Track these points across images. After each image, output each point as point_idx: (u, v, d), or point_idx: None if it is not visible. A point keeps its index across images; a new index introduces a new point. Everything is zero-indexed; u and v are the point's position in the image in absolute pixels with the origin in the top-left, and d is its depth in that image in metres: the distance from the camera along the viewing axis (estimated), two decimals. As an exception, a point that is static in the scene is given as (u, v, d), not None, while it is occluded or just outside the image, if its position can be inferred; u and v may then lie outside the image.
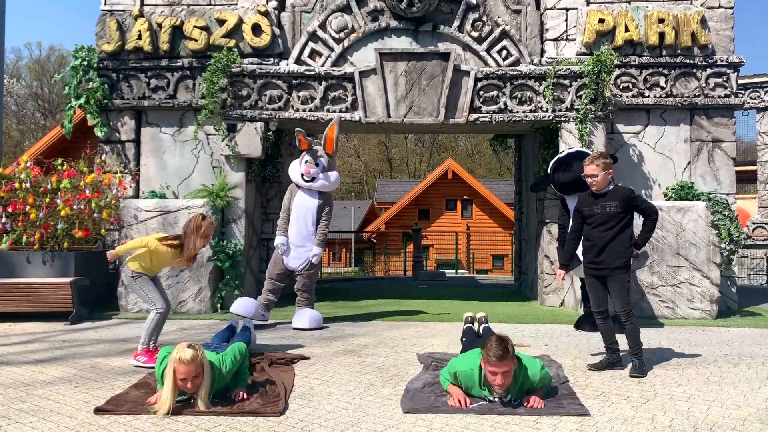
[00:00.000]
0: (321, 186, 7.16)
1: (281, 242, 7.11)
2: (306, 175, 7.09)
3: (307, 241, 7.13)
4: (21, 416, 3.81)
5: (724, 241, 7.85)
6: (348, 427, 3.64)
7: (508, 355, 3.88)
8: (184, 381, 3.82)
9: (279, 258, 7.17)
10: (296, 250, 7.13)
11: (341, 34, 8.86)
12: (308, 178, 7.09)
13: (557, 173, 7.40)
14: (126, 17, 8.94)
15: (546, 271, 9.01)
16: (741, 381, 4.74)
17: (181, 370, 3.79)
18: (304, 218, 7.12)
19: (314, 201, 7.15)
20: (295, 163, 7.30)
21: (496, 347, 3.88)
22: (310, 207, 7.14)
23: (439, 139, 49.26)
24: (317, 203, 7.15)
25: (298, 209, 7.16)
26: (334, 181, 7.28)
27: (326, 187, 7.22)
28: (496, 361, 3.87)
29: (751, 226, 15.39)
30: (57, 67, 38.09)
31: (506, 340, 3.94)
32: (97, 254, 8.33)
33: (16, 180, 8.11)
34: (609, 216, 5.01)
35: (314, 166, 7.10)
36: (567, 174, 7.24)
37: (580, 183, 7.04)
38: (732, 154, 8.79)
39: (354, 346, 6.01)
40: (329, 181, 7.21)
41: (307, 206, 7.14)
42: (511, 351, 3.91)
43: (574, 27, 8.84)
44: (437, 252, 30.03)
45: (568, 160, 7.35)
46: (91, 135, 9.24)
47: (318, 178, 7.11)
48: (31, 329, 6.89)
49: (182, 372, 3.79)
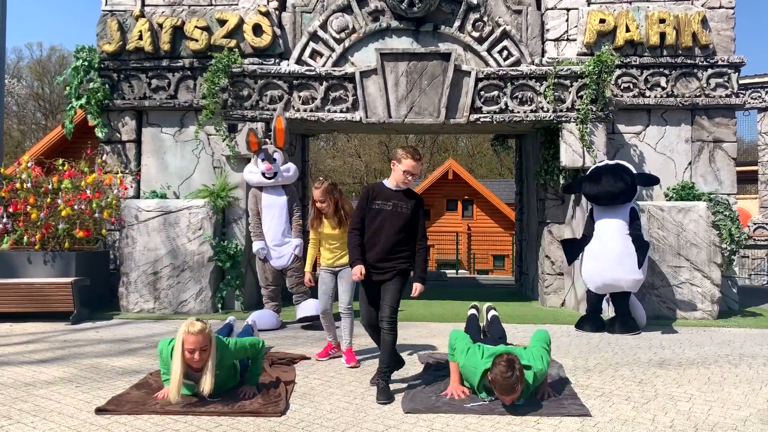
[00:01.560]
0: (285, 180, 7.44)
1: (261, 247, 7.26)
2: (268, 173, 7.34)
3: (284, 237, 7.28)
4: (22, 416, 3.81)
5: (725, 242, 7.85)
6: (349, 428, 3.64)
7: (516, 390, 3.85)
8: (192, 353, 3.85)
9: (264, 264, 7.30)
10: (277, 249, 7.27)
11: (342, 34, 8.86)
12: (270, 175, 7.34)
13: (586, 183, 7.38)
14: (127, 17, 8.95)
15: (547, 272, 9.01)
16: (742, 381, 4.74)
17: (189, 340, 3.84)
18: (278, 216, 7.31)
19: (282, 197, 7.40)
20: (250, 167, 7.57)
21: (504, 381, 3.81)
22: (280, 204, 7.35)
23: (440, 139, 49.23)
24: (285, 199, 7.39)
25: (269, 209, 7.33)
26: (294, 173, 7.58)
27: (288, 180, 7.50)
28: (504, 394, 3.87)
29: (752, 227, 15.38)
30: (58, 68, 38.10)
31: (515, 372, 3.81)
32: (98, 254, 8.34)
33: (17, 180, 8.12)
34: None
35: (272, 162, 7.35)
36: (593, 187, 7.23)
37: (606, 198, 7.11)
38: (733, 154, 8.79)
39: (354, 346, 6.00)
40: (290, 173, 7.49)
41: (277, 204, 7.34)
42: (519, 385, 3.84)
43: (574, 27, 8.84)
44: (438, 252, 30.01)
45: (599, 173, 7.28)
46: (92, 135, 9.24)
47: (280, 173, 7.38)
48: (32, 329, 6.90)
49: (191, 342, 3.83)
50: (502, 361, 3.88)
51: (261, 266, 7.31)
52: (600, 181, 7.18)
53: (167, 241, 8.01)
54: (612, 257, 6.88)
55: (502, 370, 3.83)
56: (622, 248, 6.90)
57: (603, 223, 7.15)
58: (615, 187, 7.05)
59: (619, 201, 7.10)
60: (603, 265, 6.92)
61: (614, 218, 7.09)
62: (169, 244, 8.02)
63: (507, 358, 3.89)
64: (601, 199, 7.17)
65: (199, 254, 8.04)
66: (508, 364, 3.85)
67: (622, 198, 7.09)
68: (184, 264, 8.01)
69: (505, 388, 3.83)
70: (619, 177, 7.12)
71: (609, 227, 7.08)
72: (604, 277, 6.94)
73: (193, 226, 8.07)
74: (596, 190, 7.19)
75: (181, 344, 3.86)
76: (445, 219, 34.33)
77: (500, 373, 3.83)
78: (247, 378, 4.32)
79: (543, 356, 4.20)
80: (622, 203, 7.12)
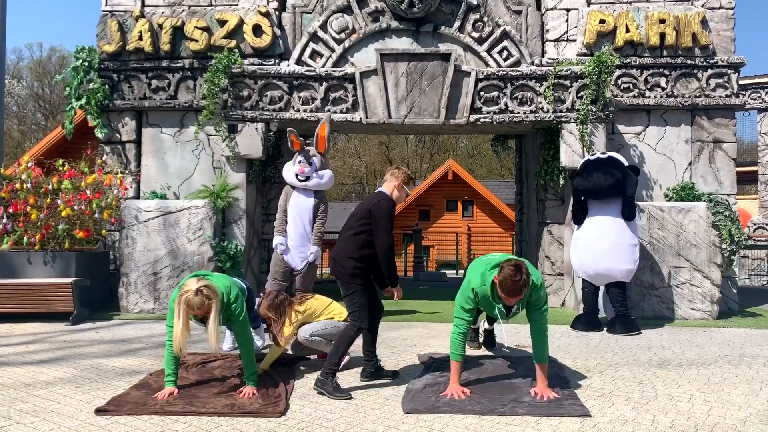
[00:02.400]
0: (315, 185, 7.25)
1: (280, 242, 7.16)
2: (300, 175, 7.18)
3: (305, 240, 7.18)
4: (22, 416, 3.81)
5: (725, 242, 7.85)
6: (349, 428, 3.64)
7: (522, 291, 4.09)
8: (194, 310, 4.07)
9: (279, 258, 7.20)
10: (297, 250, 7.17)
11: (342, 34, 8.86)
12: (302, 178, 7.19)
13: (578, 178, 7.46)
14: (127, 18, 8.95)
15: (546, 272, 9.01)
16: (742, 382, 4.74)
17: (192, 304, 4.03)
18: (301, 218, 7.20)
19: (310, 200, 7.24)
20: (289, 165, 7.38)
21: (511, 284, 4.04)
22: (306, 207, 7.22)
23: (440, 139, 49.24)
24: (313, 202, 7.24)
25: (295, 210, 7.23)
26: (327, 180, 7.37)
27: (321, 186, 7.31)
28: (510, 296, 4.10)
29: (752, 227, 15.38)
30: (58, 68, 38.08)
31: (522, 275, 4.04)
32: (98, 255, 8.34)
33: (17, 180, 8.12)
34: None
35: (308, 166, 7.20)
36: (583, 182, 7.31)
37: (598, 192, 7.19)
38: (733, 154, 8.79)
39: (354, 347, 5.99)
40: (323, 180, 7.31)
41: (303, 206, 7.22)
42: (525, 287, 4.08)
43: (574, 28, 8.84)
44: (438, 252, 30.03)
45: (592, 167, 7.34)
46: (92, 136, 9.24)
47: (312, 177, 7.21)
48: (32, 330, 6.90)
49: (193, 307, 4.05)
50: (510, 265, 4.10)
51: (276, 260, 7.25)
52: (591, 176, 7.25)
53: (167, 242, 8.01)
54: (605, 247, 7.00)
55: (511, 273, 4.04)
56: (615, 238, 7.03)
57: (596, 214, 7.27)
58: (606, 182, 7.12)
59: (610, 194, 7.17)
60: (597, 255, 7.04)
61: (607, 209, 7.20)
62: (169, 244, 8.02)
63: (515, 263, 4.12)
64: (591, 193, 7.26)
65: (199, 255, 8.04)
66: (516, 268, 4.07)
67: (612, 192, 7.16)
68: (184, 264, 8.01)
69: (512, 290, 4.06)
70: (610, 172, 7.15)
71: (602, 217, 7.19)
72: (598, 266, 7.06)
73: (193, 227, 8.07)
74: (588, 185, 7.26)
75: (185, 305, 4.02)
76: (445, 219, 34.34)
77: (509, 276, 4.04)
78: (246, 379, 4.31)
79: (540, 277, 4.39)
80: (614, 196, 7.20)
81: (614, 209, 7.17)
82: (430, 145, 50.84)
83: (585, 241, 7.21)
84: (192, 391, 4.33)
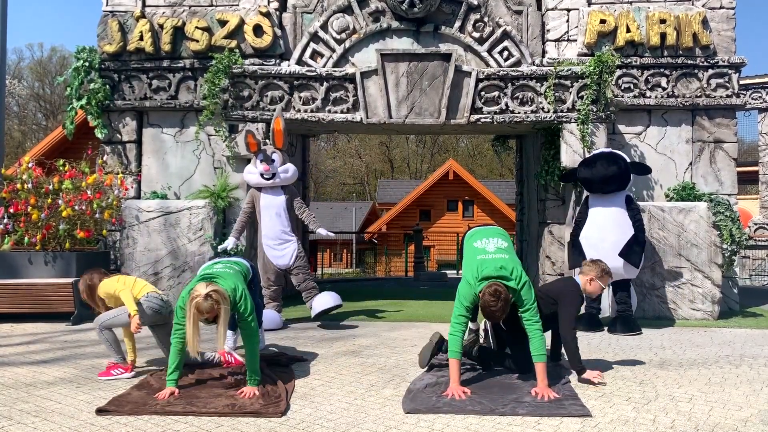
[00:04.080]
0: (283, 181, 7.41)
1: (233, 242, 7.44)
2: (266, 174, 7.33)
3: (285, 235, 7.29)
4: (23, 417, 3.81)
5: (726, 242, 7.85)
6: (349, 428, 3.64)
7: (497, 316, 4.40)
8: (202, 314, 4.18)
9: (266, 262, 7.30)
10: (278, 248, 7.28)
11: (342, 34, 8.86)
12: (268, 176, 7.33)
13: (581, 167, 7.55)
14: (128, 18, 8.95)
15: (547, 272, 9.00)
16: (743, 382, 4.74)
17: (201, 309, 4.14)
18: (277, 216, 7.31)
19: (281, 197, 7.39)
20: (250, 167, 7.53)
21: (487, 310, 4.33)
22: (279, 204, 7.35)
23: (441, 139, 49.25)
24: (284, 198, 7.38)
25: (268, 210, 7.35)
26: (292, 174, 7.52)
27: (287, 180, 7.46)
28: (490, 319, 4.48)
29: (752, 227, 15.38)
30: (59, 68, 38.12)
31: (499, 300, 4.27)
32: (98, 255, 8.34)
33: (18, 181, 8.12)
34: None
35: (270, 163, 7.33)
36: (587, 170, 7.38)
37: (599, 182, 7.23)
38: (734, 154, 8.79)
39: (355, 347, 6.01)
40: (289, 174, 7.46)
41: (275, 204, 7.35)
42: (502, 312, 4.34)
43: (575, 28, 8.84)
44: (438, 253, 30.04)
45: (595, 158, 7.46)
46: (93, 136, 9.24)
47: (278, 174, 7.36)
48: (32, 330, 6.90)
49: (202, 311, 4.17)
50: (490, 291, 4.29)
51: (263, 266, 7.30)
52: (594, 164, 7.32)
53: (168, 242, 8.02)
54: (608, 246, 7.00)
55: (489, 301, 4.28)
56: (619, 236, 7.04)
57: (598, 212, 7.29)
58: (608, 171, 7.18)
59: (612, 186, 7.21)
60: (601, 253, 6.99)
61: (610, 206, 7.23)
62: (170, 244, 8.02)
63: (494, 288, 4.29)
64: (594, 182, 7.29)
65: (200, 255, 8.04)
66: (494, 295, 4.27)
67: (614, 183, 7.19)
68: (185, 264, 8.02)
69: (491, 315, 4.40)
70: (613, 161, 7.26)
71: (605, 215, 7.22)
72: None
73: (194, 227, 8.08)
74: (589, 173, 7.32)
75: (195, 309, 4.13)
76: (445, 219, 34.38)
77: (487, 303, 4.30)
78: (248, 379, 4.32)
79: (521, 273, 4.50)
80: (616, 190, 7.23)
81: (617, 205, 7.21)
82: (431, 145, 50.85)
83: (591, 241, 7.19)
84: (193, 391, 4.33)
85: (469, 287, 4.46)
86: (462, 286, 4.54)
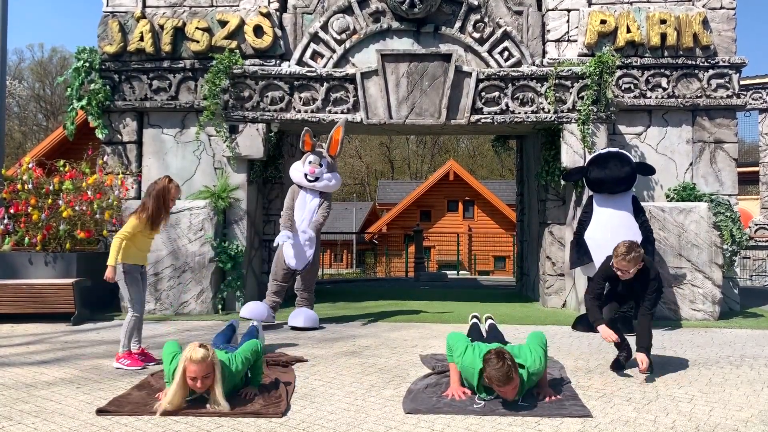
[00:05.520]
0: (324, 186, 7.21)
1: (288, 236, 7.02)
2: (310, 175, 7.13)
3: (308, 241, 7.16)
4: (23, 417, 3.81)
5: (727, 243, 7.84)
6: (350, 428, 3.64)
7: (512, 377, 3.88)
8: (194, 380, 3.85)
9: (281, 258, 7.19)
10: (299, 249, 7.15)
11: (343, 35, 8.86)
12: (312, 178, 7.14)
13: (591, 167, 7.53)
14: (128, 19, 8.95)
15: (548, 272, 9.00)
16: (743, 382, 4.74)
17: (191, 369, 3.82)
18: (306, 219, 7.17)
19: (314, 200, 7.22)
20: (297, 164, 7.32)
21: (497, 372, 3.86)
22: (311, 207, 7.20)
23: (441, 140, 49.26)
24: (317, 202, 7.22)
25: (300, 210, 7.20)
26: (335, 183, 7.34)
27: (328, 188, 7.28)
28: (501, 385, 3.90)
29: (753, 227, 15.37)
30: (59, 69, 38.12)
31: (506, 361, 3.88)
32: (99, 255, 8.32)
33: (18, 181, 8.12)
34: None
35: (318, 167, 7.15)
36: (600, 171, 7.38)
37: (612, 183, 7.24)
38: (734, 155, 8.78)
39: (356, 348, 6.01)
40: (332, 183, 7.27)
41: (308, 207, 7.19)
42: (513, 372, 3.89)
43: (575, 28, 8.83)
44: (439, 253, 30.03)
45: (606, 158, 7.46)
46: (94, 136, 9.25)
47: (322, 179, 7.16)
48: (33, 330, 6.90)
49: (192, 371, 3.82)
50: (491, 355, 3.96)
51: (278, 259, 7.22)
52: (607, 165, 7.33)
53: (168, 242, 8.02)
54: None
55: (493, 363, 3.89)
56: (627, 236, 6.96)
57: (605, 212, 7.31)
58: (622, 171, 7.23)
59: (622, 187, 7.27)
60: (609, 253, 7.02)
61: (617, 207, 7.28)
62: (170, 245, 8.02)
63: (495, 352, 3.98)
64: (606, 183, 7.31)
65: (200, 255, 8.04)
66: (497, 356, 3.93)
67: (625, 183, 7.25)
68: (185, 265, 8.02)
69: (501, 379, 3.87)
70: (626, 162, 7.32)
71: (612, 216, 7.24)
72: None
73: (194, 227, 8.08)
74: (603, 173, 7.32)
75: (183, 370, 3.85)
76: (445, 220, 34.37)
77: (492, 367, 3.89)
78: (251, 380, 4.33)
79: (540, 357, 4.20)
80: (624, 191, 7.28)
81: (624, 205, 7.24)
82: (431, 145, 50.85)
83: (597, 241, 7.18)
84: (193, 392, 4.32)
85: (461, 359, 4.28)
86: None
